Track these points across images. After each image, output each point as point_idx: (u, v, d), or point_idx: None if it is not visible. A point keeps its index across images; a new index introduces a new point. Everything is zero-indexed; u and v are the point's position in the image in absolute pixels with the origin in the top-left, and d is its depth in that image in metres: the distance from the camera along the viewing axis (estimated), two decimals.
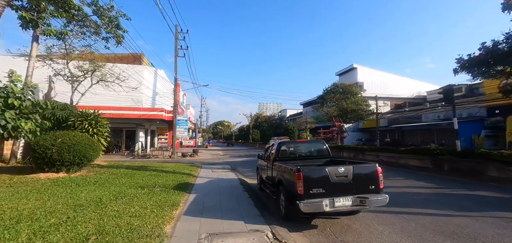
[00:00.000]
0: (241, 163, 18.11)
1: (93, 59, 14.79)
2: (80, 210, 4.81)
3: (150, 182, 8.28)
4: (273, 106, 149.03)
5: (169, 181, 8.76)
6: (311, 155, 6.88)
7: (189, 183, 8.69)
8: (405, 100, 46.76)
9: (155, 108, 25.09)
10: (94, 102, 21.69)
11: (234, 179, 10.21)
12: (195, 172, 11.66)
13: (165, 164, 14.29)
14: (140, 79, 24.30)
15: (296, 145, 6.97)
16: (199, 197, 6.84)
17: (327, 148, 7.00)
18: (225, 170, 13.04)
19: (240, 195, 7.23)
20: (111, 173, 9.59)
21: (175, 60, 24.24)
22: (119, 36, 13.03)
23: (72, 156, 8.51)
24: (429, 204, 6.26)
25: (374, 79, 48.01)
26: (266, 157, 8.01)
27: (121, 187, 7.26)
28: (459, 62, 15.01)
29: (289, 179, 5.08)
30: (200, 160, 20.10)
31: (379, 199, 4.65)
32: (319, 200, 4.53)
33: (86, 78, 15.68)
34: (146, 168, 11.96)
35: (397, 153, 14.17)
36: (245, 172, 13.60)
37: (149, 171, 10.85)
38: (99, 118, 12.31)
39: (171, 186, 7.93)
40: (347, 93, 36.30)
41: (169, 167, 12.86)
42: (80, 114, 12.00)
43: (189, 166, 14.08)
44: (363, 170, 4.87)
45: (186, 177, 10.04)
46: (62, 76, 14.90)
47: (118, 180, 8.32)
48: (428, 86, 50.31)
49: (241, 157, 24.36)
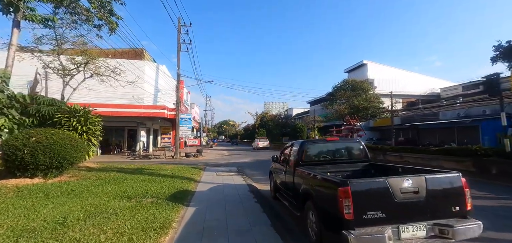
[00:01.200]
0: (249, 165, 16.58)
1: (85, 50, 13.40)
2: (23, 242, 3.32)
3: (141, 190, 6.80)
4: (278, 105, 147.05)
5: (164, 188, 7.27)
6: (344, 157, 5.30)
7: (188, 191, 7.19)
8: (417, 98, 44.61)
9: (156, 106, 23.74)
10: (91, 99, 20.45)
11: (242, 185, 8.68)
12: (197, 176, 10.17)
13: (164, 166, 12.85)
14: (141, 75, 22.98)
15: (324, 145, 5.38)
16: (199, 211, 5.32)
17: (365, 148, 5.40)
18: (231, 173, 11.52)
19: (251, 208, 5.68)
20: (97, 178, 8.15)
21: (177, 54, 22.87)
22: (112, 23, 11.60)
23: (49, 158, 7.10)
24: (508, 222, 4.63)
25: (384, 75, 45.92)
26: (282, 160, 6.45)
27: (101, 198, 5.79)
28: (497, 49, 13.16)
29: (326, 194, 3.52)
30: (204, 161, 18.65)
31: (468, 227, 3.04)
32: (377, 229, 2.96)
33: (79, 71, 14.33)
34: (141, 171, 10.52)
35: (427, 153, 12.43)
36: (254, 175, 12.06)
37: (144, 175, 9.39)
38: (89, 115, 10.92)
39: (166, 195, 6.44)
40: (358, 90, 34.47)
41: (169, 170, 11.41)
42: (68, 110, 10.62)
43: (191, 168, 12.61)
44: (442, 182, 3.25)
45: (186, 182, 8.55)
46: (52, 69, 13.57)
47: (103, 188, 6.87)
48: (442, 83, 48.06)
49: (248, 157, 22.84)
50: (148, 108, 23.03)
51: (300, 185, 4.58)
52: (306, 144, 5.22)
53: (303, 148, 5.16)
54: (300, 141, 5.44)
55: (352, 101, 32.21)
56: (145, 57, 26.60)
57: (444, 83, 47.50)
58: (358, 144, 5.40)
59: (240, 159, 20.79)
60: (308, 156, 5.18)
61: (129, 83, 15.51)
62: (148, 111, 22.83)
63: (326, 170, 5.09)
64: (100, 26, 12.14)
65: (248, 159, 21.26)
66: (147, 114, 22.77)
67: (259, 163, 17.47)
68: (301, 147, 5.17)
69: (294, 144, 5.77)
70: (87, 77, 14.39)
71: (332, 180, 3.39)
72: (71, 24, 12.96)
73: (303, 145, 5.18)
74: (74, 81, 14.63)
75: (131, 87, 21.94)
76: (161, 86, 26.66)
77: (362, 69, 45.87)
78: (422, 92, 46.72)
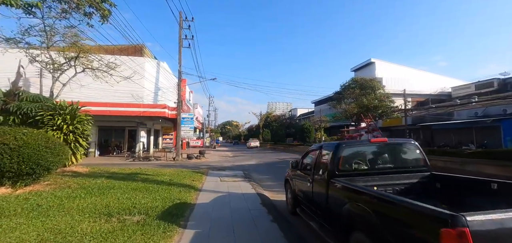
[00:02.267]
0: (255, 168, 15.22)
1: (76, 42, 12.14)
2: None
3: (128, 204, 5.46)
4: (282, 105, 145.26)
5: (158, 200, 5.93)
6: (395, 165, 3.91)
7: (187, 204, 5.84)
8: (427, 97, 42.95)
9: (157, 105, 22.48)
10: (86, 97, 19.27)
11: (251, 194, 7.32)
12: (198, 183, 8.83)
13: (163, 170, 11.54)
14: (141, 73, 21.77)
15: (367, 149, 3.98)
16: (199, 239, 3.97)
17: (422, 152, 4.01)
18: (237, 179, 10.16)
19: (268, 232, 4.31)
20: (80, 187, 6.83)
21: (179, 50, 21.60)
22: (104, 9, 10.33)
23: (17, 164, 5.80)
24: None
25: (393, 74, 44.33)
26: (306, 167, 5.08)
27: (73, 217, 4.46)
28: None
29: (406, 233, 2.16)
30: (207, 163, 17.33)
31: None
32: None
33: (71, 66, 13.09)
34: (135, 176, 9.20)
35: (458, 156, 10.96)
36: (262, 180, 10.70)
37: (137, 182, 8.07)
38: (77, 112, 9.64)
39: (159, 211, 5.10)
40: (367, 89, 32.92)
41: (167, 174, 10.09)
42: (53, 107, 9.36)
43: (192, 172, 11.28)
44: None
45: (185, 191, 7.21)
46: (39, 62, 12.32)
47: (80, 201, 5.54)
48: (452, 81, 46.37)
49: (253, 159, 21.46)
50: (148, 107, 21.78)
51: (341, 204, 3.22)
52: (344, 148, 3.82)
53: (340, 152, 3.77)
54: (334, 143, 4.06)
55: (361, 101, 30.69)
56: (146, 54, 25.39)
57: (454, 82, 45.81)
58: (413, 146, 4.00)
59: (245, 161, 19.43)
60: (346, 164, 3.80)
61: (125, 78, 14.24)
62: (148, 110, 21.57)
63: (372, 182, 3.71)
64: (91, 14, 10.87)
65: (253, 161, 19.89)
66: (146, 113, 21.51)
67: (266, 166, 16.11)
68: (337, 151, 3.79)
69: (323, 146, 4.39)
70: (79, 72, 13.13)
71: (423, 210, 2.00)
72: (61, 14, 11.75)
73: (340, 149, 3.79)
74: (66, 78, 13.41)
75: (130, 85, 20.75)
76: (162, 84, 25.42)
77: (369, 67, 44.29)
78: (432, 92, 45.09)
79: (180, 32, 21.53)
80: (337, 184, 3.51)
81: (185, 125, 22.45)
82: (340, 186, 3.41)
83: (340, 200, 3.35)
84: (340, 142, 3.99)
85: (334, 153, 3.83)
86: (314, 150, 4.83)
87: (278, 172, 13.60)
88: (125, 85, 20.51)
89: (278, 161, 20.22)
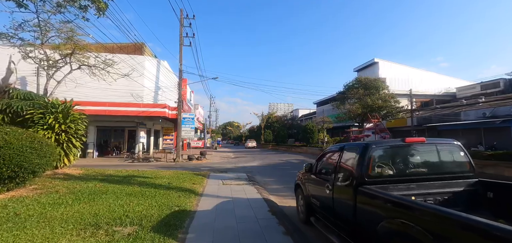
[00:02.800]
0: (258, 170, 14.57)
1: (71, 37, 11.55)
2: None
3: (120, 212, 4.84)
4: (283, 106, 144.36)
5: (154, 207, 5.30)
6: (435, 170, 3.26)
7: (186, 212, 5.20)
8: (432, 98, 42.26)
9: (156, 104, 21.88)
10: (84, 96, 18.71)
11: (257, 200, 6.67)
12: (199, 186, 8.19)
13: (161, 172, 10.91)
14: (141, 71, 21.19)
15: (402, 150, 3.34)
16: None
17: (467, 155, 3.37)
18: (240, 182, 9.52)
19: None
20: (69, 192, 6.21)
21: (179, 48, 21.01)
22: (99, 2, 9.73)
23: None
24: None
25: (396, 74, 43.67)
26: (323, 171, 4.46)
27: (53, 229, 3.83)
28: None
29: None
30: (208, 165, 16.70)
31: None
32: None
33: (66, 63, 12.50)
34: (131, 179, 8.57)
35: (477, 158, 10.27)
36: (267, 183, 10.06)
37: (133, 186, 7.44)
38: (70, 111, 9.04)
39: (154, 221, 4.48)
40: (371, 89, 32.25)
41: (165, 177, 9.46)
42: (44, 105, 8.76)
43: (192, 174, 10.66)
44: None
45: (185, 196, 6.58)
46: (33, 58, 11.74)
47: (66, 208, 4.92)
48: (456, 81, 45.71)
49: (256, 160, 20.82)
50: (148, 107, 21.18)
51: (375, 220, 2.58)
52: (374, 149, 3.18)
53: (369, 154, 3.13)
54: (361, 144, 3.41)
55: (365, 101, 30.01)
56: (146, 53, 24.82)
57: (459, 82, 45.16)
58: (456, 147, 3.36)
59: (248, 163, 18.78)
60: (377, 168, 3.15)
61: (123, 76, 13.64)
62: (148, 110, 20.97)
63: (408, 191, 3.07)
64: (86, 7, 10.29)
65: (256, 162, 19.24)
66: (146, 113, 20.91)
67: (270, 168, 15.46)
68: (366, 153, 3.15)
69: (346, 147, 3.75)
70: (75, 69, 12.54)
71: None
72: (56, 8, 11.19)
73: (369, 150, 3.15)
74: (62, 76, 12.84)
75: (130, 85, 20.19)
76: (163, 84, 24.82)
77: (373, 67, 43.62)
78: (436, 92, 44.43)
79: (181, 30, 20.95)
80: (368, 194, 2.87)
81: (185, 125, 21.82)
82: (373, 196, 2.77)
83: (374, 214, 2.71)
84: (368, 142, 3.34)
85: (362, 155, 3.19)
86: (333, 151, 4.19)
87: (282, 174, 12.97)
88: (125, 85, 19.95)
89: (281, 162, 19.57)
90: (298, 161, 19.93)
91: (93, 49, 13.92)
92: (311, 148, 30.87)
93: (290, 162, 19.68)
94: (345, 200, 3.34)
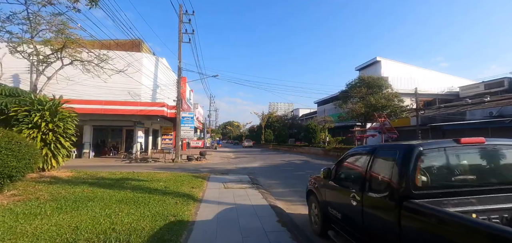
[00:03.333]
0: (261, 171, 13.87)
1: (62, 29, 10.82)
2: None
3: (105, 225, 4.14)
4: (284, 106, 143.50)
5: (146, 217, 4.61)
6: (502, 179, 2.57)
7: (182, 224, 4.50)
8: (435, 97, 41.71)
9: (154, 103, 21.16)
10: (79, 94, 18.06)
11: (263, 207, 5.98)
12: (198, 190, 7.50)
13: (159, 174, 10.21)
14: (139, 68, 20.50)
15: (457, 154, 2.63)
16: None
17: None
18: (243, 185, 8.82)
19: None
20: (51, 198, 5.50)
21: (178, 45, 20.32)
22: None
23: None
24: None
25: (399, 73, 43.14)
26: (342, 177, 3.77)
27: None
28: None
29: None
30: (208, 166, 16.00)
31: None
32: None
33: (58, 58, 11.78)
34: (124, 183, 7.86)
35: None
36: (272, 186, 9.37)
37: (125, 190, 6.74)
38: (58, 108, 8.33)
39: (144, 236, 3.78)
40: (374, 88, 31.61)
41: (162, 180, 8.76)
42: (30, 102, 8.05)
43: (191, 176, 9.96)
44: None
45: (182, 203, 5.88)
46: (21, 53, 11.01)
47: (43, 220, 4.22)
48: (459, 81, 45.17)
49: (257, 161, 20.12)
50: (146, 105, 20.45)
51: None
52: (421, 152, 2.47)
53: (417, 159, 2.44)
54: (402, 145, 2.70)
55: (368, 100, 29.33)
56: (144, 50, 24.10)
57: (462, 82, 44.66)
58: None
59: (249, 164, 18.09)
60: (427, 177, 2.46)
61: (118, 72, 12.93)
62: (146, 109, 20.24)
63: (467, 206, 2.38)
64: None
65: (257, 163, 18.55)
66: (144, 112, 20.18)
67: (272, 169, 14.77)
68: (411, 156, 2.45)
69: (378, 150, 3.05)
70: (66, 65, 11.82)
71: None
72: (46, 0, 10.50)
73: (415, 153, 2.45)
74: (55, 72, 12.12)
75: (127, 82, 19.47)
76: (161, 82, 24.09)
77: (375, 66, 43.03)
78: (439, 91, 43.92)
79: (180, 26, 20.25)
80: (420, 211, 2.18)
81: (185, 125, 21.10)
82: (430, 215, 2.08)
83: (433, 239, 2.02)
84: (412, 143, 2.64)
85: (405, 159, 2.49)
86: (359, 153, 3.50)
87: (286, 175, 12.28)
88: (122, 83, 19.24)
89: (283, 163, 18.88)
90: (301, 162, 19.25)
91: (86, 44, 13.19)
92: (313, 148, 30.18)
93: (293, 162, 18.99)
94: (383, 216, 2.64)
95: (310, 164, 17.56)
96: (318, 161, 19.63)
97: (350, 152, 3.84)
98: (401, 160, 2.54)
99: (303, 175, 12.13)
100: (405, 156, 2.53)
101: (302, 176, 11.82)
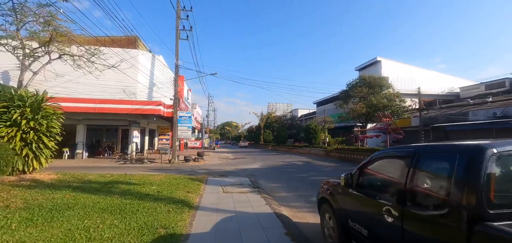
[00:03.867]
0: (261, 173, 13.18)
1: (50, 20, 10.08)
2: None
3: (82, 241, 3.44)
4: (282, 106, 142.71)
5: (130, 231, 3.90)
6: None
7: (174, 238, 3.79)
8: (435, 98, 41.39)
9: (150, 102, 20.41)
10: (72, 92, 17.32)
11: (267, 215, 5.30)
12: (194, 195, 6.80)
13: (153, 176, 9.50)
14: (135, 65, 19.74)
15: None
16: None
17: None
18: (243, 189, 8.13)
19: None
20: (24, 207, 4.78)
21: (176, 42, 19.65)
22: None
23: None
24: None
25: (399, 73, 42.88)
26: (368, 185, 3.10)
27: None
28: None
29: None
30: (206, 167, 15.30)
31: None
32: None
33: (45, 53, 11.04)
34: (113, 187, 7.14)
35: None
36: (274, 190, 8.69)
37: (113, 196, 6.02)
38: (41, 105, 7.59)
39: None
40: (375, 88, 31.09)
41: (156, 183, 8.05)
42: (9, 97, 7.31)
43: (188, 179, 9.25)
44: None
45: (176, 211, 5.18)
46: (4, 45, 10.26)
47: (4, 236, 3.50)
48: (460, 81, 45.03)
49: (257, 162, 19.43)
50: (142, 104, 19.71)
51: None
52: (496, 156, 1.82)
53: (490, 166, 1.78)
54: (466, 145, 2.03)
55: (369, 100, 28.78)
56: (140, 47, 23.34)
57: (462, 82, 44.49)
58: None
59: (249, 165, 17.39)
60: (505, 190, 1.81)
61: (110, 67, 12.20)
62: (142, 107, 19.50)
63: None
64: None
65: (257, 164, 17.85)
66: (140, 111, 19.43)
67: (273, 171, 14.08)
68: (481, 159, 1.79)
69: (423, 153, 2.38)
70: (54, 59, 11.08)
71: None
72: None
73: (486, 154, 1.79)
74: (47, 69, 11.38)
75: (122, 80, 18.70)
76: (158, 80, 23.34)
77: (375, 66, 42.64)
78: (440, 92, 43.69)
79: (177, 22, 19.55)
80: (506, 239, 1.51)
81: (182, 124, 20.37)
82: None
83: None
84: (481, 143, 1.97)
85: (474, 166, 1.82)
86: (392, 156, 2.83)
87: (289, 177, 11.60)
88: (117, 80, 18.48)
89: (284, 164, 18.21)
90: (302, 163, 18.58)
91: (79, 40, 12.46)
92: (314, 148, 29.53)
93: (294, 163, 18.31)
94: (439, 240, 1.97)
95: (312, 165, 16.90)
96: (320, 162, 18.97)
97: (378, 155, 3.15)
98: (467, 166, 1.86)
99: (307, 177, 11.46)
100: (472, 160, 1.85)
101: (306, 179, 11.16)
